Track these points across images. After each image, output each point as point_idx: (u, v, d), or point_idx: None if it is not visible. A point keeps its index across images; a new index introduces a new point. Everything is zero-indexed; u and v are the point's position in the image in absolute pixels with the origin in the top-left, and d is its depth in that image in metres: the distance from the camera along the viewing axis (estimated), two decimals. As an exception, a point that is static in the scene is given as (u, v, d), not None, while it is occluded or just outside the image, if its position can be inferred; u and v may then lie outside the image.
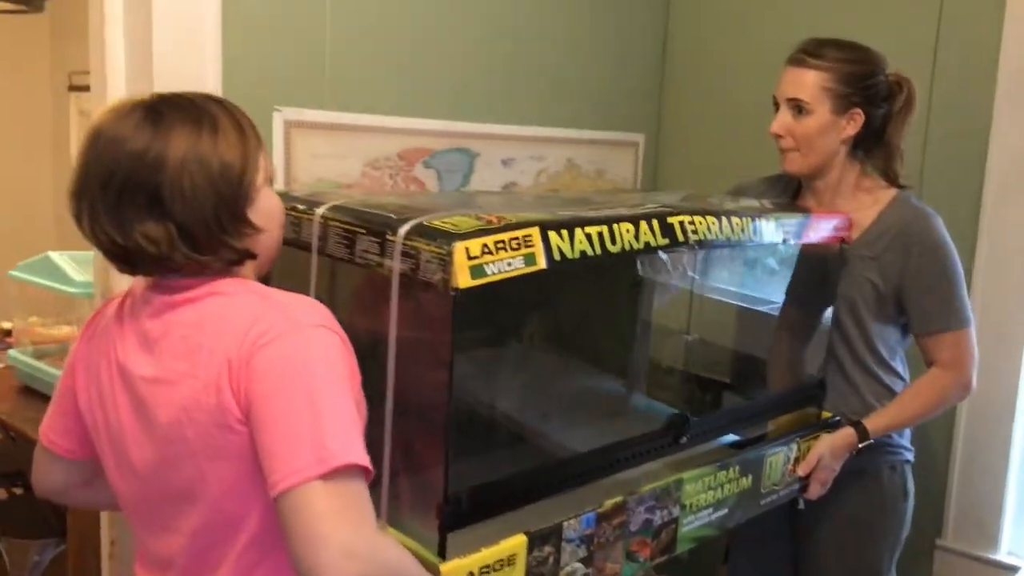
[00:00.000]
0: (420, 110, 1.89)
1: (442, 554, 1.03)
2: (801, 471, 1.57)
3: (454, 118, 1.95)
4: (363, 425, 0.95)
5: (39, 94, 4.18)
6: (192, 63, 1.49)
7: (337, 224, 1.15)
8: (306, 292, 1.20)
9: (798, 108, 1.56)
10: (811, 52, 1.55)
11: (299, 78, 1.67)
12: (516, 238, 1.01)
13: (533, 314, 1.39)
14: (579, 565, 1.20)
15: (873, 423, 1.59)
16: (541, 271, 1.04)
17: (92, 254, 1.72)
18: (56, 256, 2.41)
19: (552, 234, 1.06)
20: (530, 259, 1.02)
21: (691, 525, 1.39)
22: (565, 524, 1.16)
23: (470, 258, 0.95)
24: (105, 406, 1.02)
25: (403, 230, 1.03)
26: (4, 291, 2.67)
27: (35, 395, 2.35)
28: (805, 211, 1.58)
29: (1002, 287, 1.88)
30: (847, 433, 1.58)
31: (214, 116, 0.96)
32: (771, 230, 1.47)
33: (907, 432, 1.68)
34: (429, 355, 1.03)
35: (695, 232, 1.30)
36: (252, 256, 0.99)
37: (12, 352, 2.54)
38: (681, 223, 1.28)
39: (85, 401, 1.05)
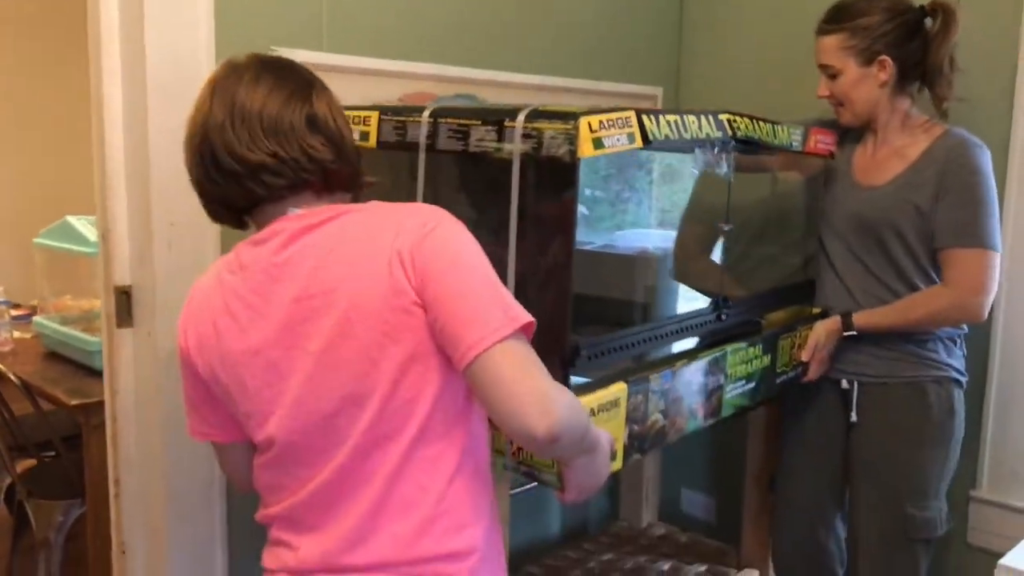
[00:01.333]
0: (423, 53, 1.82)
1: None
2: (804, 355, 1.76)
3: (459, 63, 1.88)
4: None
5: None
6: (185, 4, 1.48)
7: (448, 121, 1.30)
8: (414, 188, 1.36)
9: (829, 73, 1.72)
10: (827, 19, 1.72)
11: (296, 18, 1.63)
12: (620, 118, 1.18)
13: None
14: (660, 416, 1.40)
15: (860, 317, 1.73)
16: (639, 148, 1.22)
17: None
18: (74, 220, 2.47)
19: (645, 118, 1.24)
20: (631, 137, 1.20)
21: (732, 393, 1.61)
22: (651, 377, 1.36)
23: (592, 131, 1.13)
24: (237, 363, 1.05)
25: (522, 115, 1.19)
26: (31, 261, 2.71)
27: (60, 359, 2.43)
28: (805, 127, 1.79)
29: None
30: (834, 320, 1.75)
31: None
32: (784, 135, 1.68)
33: (957, 353, 1.75)
34: (551, 225, 1.20)
35: (739, 129, 1.50)
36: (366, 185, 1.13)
37: (37, 319, 2.59)
38: (729, 120, 1.48)
39: (213, 377, 1.08)
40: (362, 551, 1.03)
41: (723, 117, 1.46)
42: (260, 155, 1.02)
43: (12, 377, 2.26)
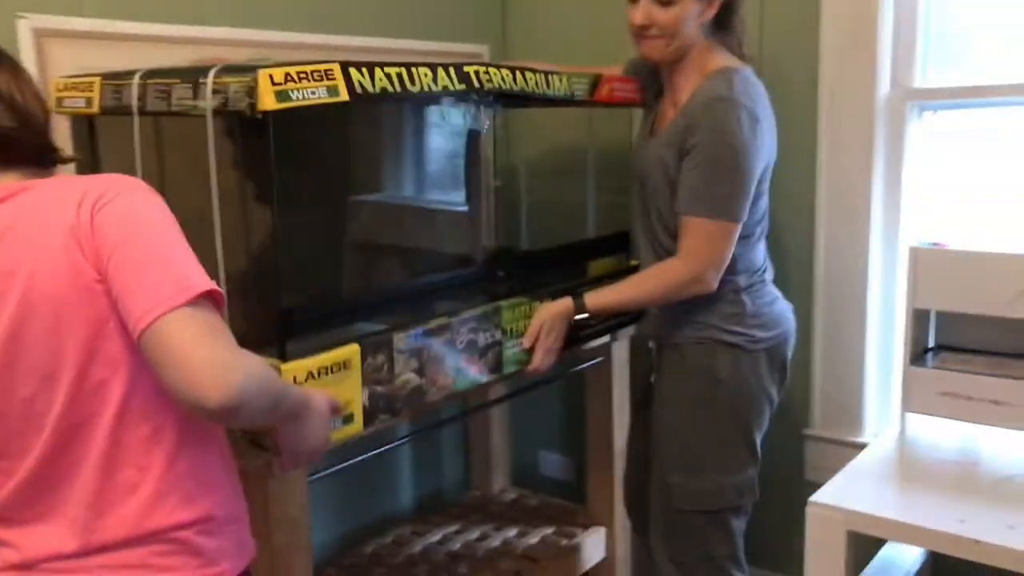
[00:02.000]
0: (204, 16, 1.70)
1: (282, 356, 1.18)
2: (525, 342, 1.60)
3: (253, 25, 1.78)
4: None
5: None
6: None
7: (155, 82, 1.25)
8: (132, 152, 1.30)
9: (662, 1, 1.55)
10: None
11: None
12: (318, 71, 1.15)
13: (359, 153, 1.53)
14: (413, 375, 1.38)
15: (593, 297, 1.61)
16: (344, 103, 1.18)
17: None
18: None
19: (353, 70, 1.20)
20: (333, 90, 1.16)
21: (514, 349, 1.60)
22: (395, 336, 1.34)
23: (274, 84, 1.09)
24: None
25: (214, 71, 1.15)
26: None
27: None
28: (597, 73, 1.79)
29: (842, 155, 1.88)
30: (564, 302, 1.61)
31: None
32: (562, 85, 1.67)
33: (726, 311, 1.62)
34: (251, 183, 1.17)
35: (489, 81, 1.48)
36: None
37: None
38: (476, 72, 1.45)
39: None
40: (92, 536, 1.00)
41: (468, 69, 1.43)
42: None
43: None
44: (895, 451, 1.72)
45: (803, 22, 1.91)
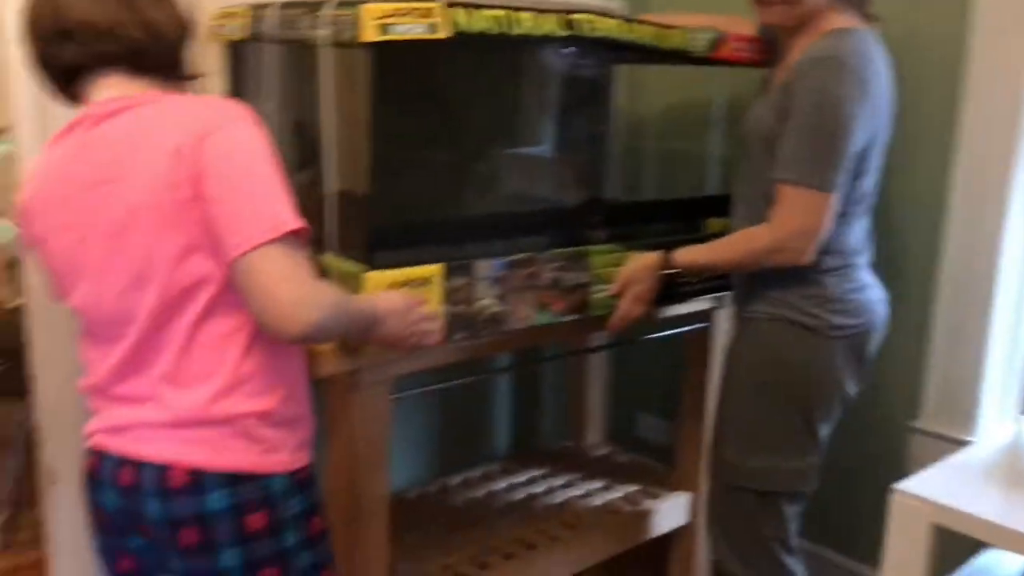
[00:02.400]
0: None
1: (369, 266, 1.32)
2: (612, 289, 1.64)
3: None
4: None
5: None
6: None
7: (287, 13, 1.40)
8: (265, 75, 1.47)
9: None
10: None
11: None
12: (421, 8, 1.26)
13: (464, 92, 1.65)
14: (493, 301, 1.49)
15: (682, 253, 1.62)
16: (445, 40, 1.29)
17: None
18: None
19: (456, 10, 1.31)
20: (433, 27, 1.27)
21: (601, 294, 1.67)
22: (477, 263, 1.45)
23: (375, 17, 1.21)
24: (47, 237, 1.17)
25: (332, 3, 1.29)
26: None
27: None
28: (718, 30, 1.80)
29: (985, 145, 1.76)
30: (654, 255, 1.63)
31: None
32: (678, 40, 1.70)
33: (808, 292, 1.57)
34: (356, 105, 1.30)
35: (594, 30, 1.54)
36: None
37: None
38: (582, 19, 1.52)
39: (38, 242, 1.19)
40: (170, 413, 1.15)
41: (574, 17, 1.50)
42: (76, 20, 1.12)
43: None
44: (1004, 452, 1.64)
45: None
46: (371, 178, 1.30)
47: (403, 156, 1.41)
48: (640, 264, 1.65)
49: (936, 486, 1.46)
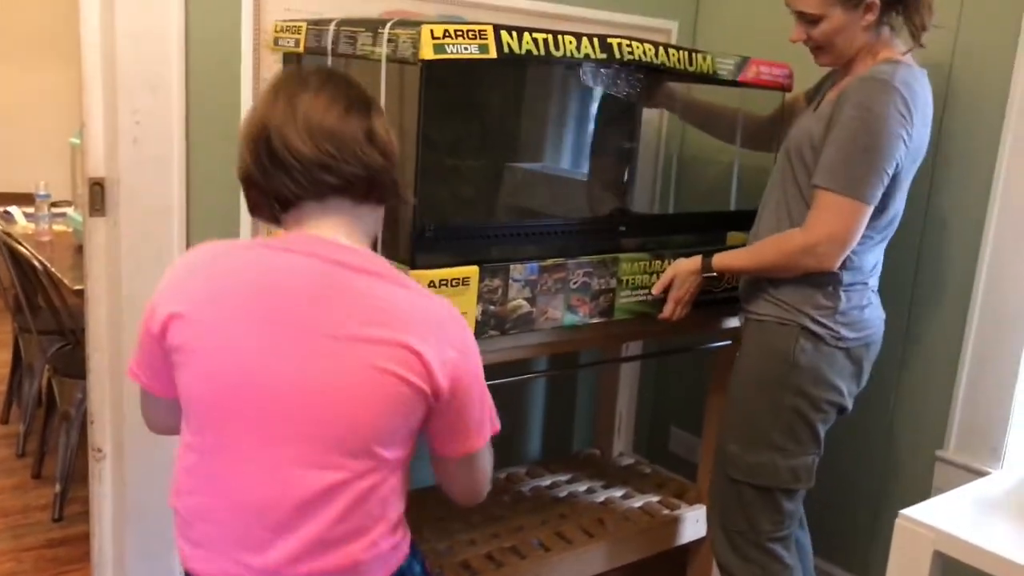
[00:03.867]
0: None
1: (412, 265, 1.46)
2: (655, 289, 1.80)
3: None
4: None
5: None
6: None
7: (346, 29, 1.56)
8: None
9: (808, 20, 1.63)
10: None
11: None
12: (473, 31, 1.40)
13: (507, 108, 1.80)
14: (524, 303, 1.63)
15: (720, 257, 1.74)
16: (493, 59, 1.44)
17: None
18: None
19: (504, 32, 1.45)
20: (484, 48, 1.42)
21: (628, 299, 1.81)
22: (512, 266, 1.59)
23: (434, 38, 1.35)
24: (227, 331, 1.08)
25: (390, 24, 1.43)
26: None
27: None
28: (744, 56, 1.94)
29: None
30: (695, 259, 1.77)
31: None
32: (705, 64, 1.84)
33: (821, 301, 1.66)
34: (408, 118, 1.45)
35: (631, 53, 1.68)
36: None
37: (70, 212, 2.95)
38: (619, 44, 1.66)
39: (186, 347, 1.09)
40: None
41: (611, 40, 1.65)
42: (316, 153, 1.09)
43: (37, 264, 2.65)
44: (1022, 485, 1.63)
45: (1003, 28, 1.87)
46: (417, 185, 1.45)
47: (447, 165, 1.56)
48: (682, 266, 1.79)
49: (943, 513, 1.46)
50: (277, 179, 1.11)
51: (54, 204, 3.06)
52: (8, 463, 2.96)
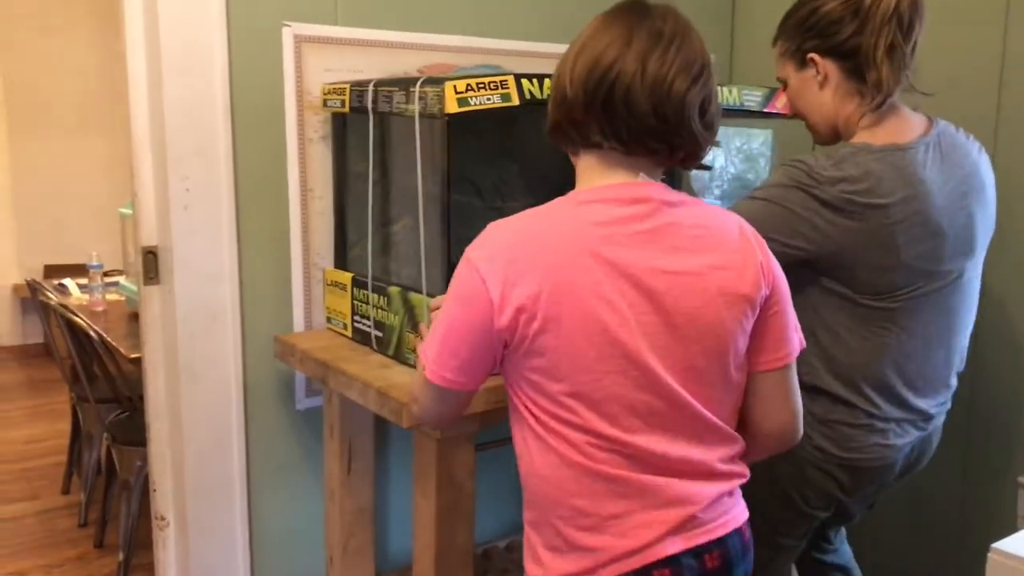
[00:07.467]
0: (440, 25, 2.01)
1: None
2: None
3: (478, 34, 2.06)
4: None
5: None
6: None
7: (383, 89, 1.73)
8: (367, 142, 1.80)
9: (783, 86, 1.66)
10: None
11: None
12: (495, 82, 1.55)
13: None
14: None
15: None
16: (515, 106, 1.58)
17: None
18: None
19: (525, 80, 1.60)
20: (506, 97, 1.57)
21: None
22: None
23: (457, 93, 1.51)
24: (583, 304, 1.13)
25: (420, 81, 1.61)
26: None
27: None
28: (773, 88, 2.05)
29: None
30: None
31: None
32: (731, 96, 1.97)
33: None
34: (438, 170, 1.61)
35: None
36: None
37: (122, 282, 3.15)
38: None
39: (538, 330, 1.14)
40: None
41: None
42: (649, 117, 1.15)
43: (92, 334, 2.84)
44: None
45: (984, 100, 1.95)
46: (449, 229, 1.60)
47: (475, 205, 1.73)
48: None
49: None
50: (595, 122, 1.17)
51: (106, 274, 3.27)
52: (70, 533, 3.14)
